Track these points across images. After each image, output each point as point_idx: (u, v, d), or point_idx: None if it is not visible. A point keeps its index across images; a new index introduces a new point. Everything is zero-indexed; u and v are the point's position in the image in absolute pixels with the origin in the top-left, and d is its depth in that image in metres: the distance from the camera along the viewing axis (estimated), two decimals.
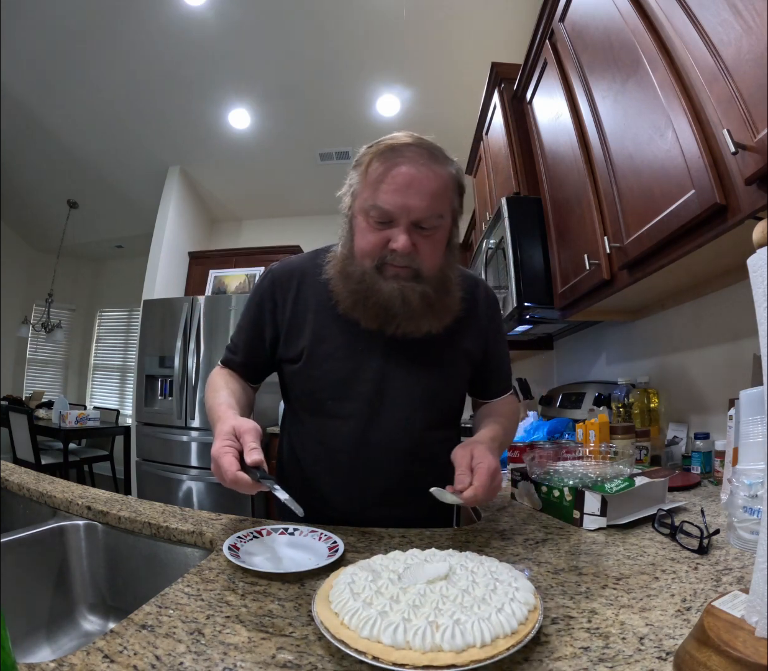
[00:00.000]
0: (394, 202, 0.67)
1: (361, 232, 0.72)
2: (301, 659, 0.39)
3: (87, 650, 0.36)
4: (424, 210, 0.68)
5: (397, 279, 0.71)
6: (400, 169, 0.67)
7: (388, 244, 0.69)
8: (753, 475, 0.56)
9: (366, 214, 0.70)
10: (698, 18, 0.73)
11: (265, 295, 0.83)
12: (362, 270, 0.72)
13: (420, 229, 0.70)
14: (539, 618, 0.42)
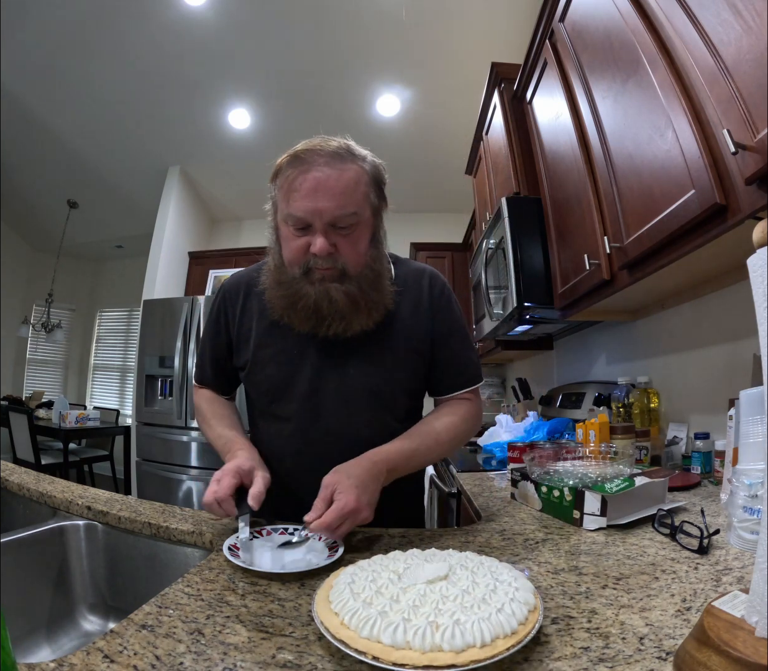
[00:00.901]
0: (305, 208, 0.69)
1: (285, 241, 0.76)
2: (301, 659, 0.39)
3: (87, 650, 0.36)
4: (334, 209, 0.69)
5: (323, 281, 0.73)
6: (306, 176, 0.69)
7: (309, 249, 0.72)
8: (753, 475, 0.56)
9: (285, 223, 0.73)
10: (698, 18, 0.73)
11: (219, 309, 0.88)
12: (292, 277, 0.75)
13: (338, 229, 0.71)
14: (539, 618, 0.42)
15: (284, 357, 0.81)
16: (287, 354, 0.81)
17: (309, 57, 2.91)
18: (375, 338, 0.79)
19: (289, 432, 0.83)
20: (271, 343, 0.82)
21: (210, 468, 2.96)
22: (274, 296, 0.78)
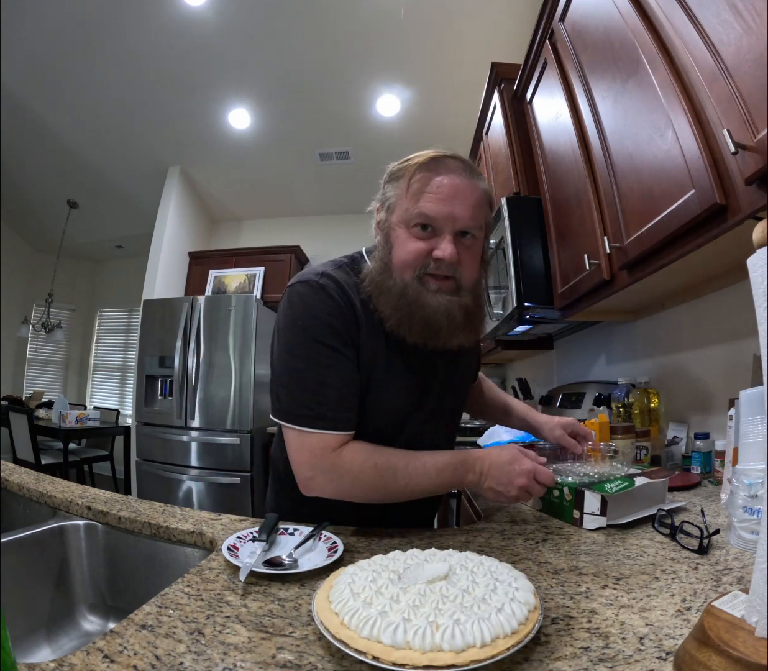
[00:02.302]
0: (440, 210, 0.67)
1: (401, 244, 0.70)
2: (301, 659, 0.39)
3: (87, 650, 0.35)
4: (468, 219, 0.68)
5: (440, 293, 0.70)
6: (444, 180, 0.68)
7: (432, 254, 0.68)
8: (753, 475, 0.56)
9: (407, 224, 0.70)
10: (698, 18, 0.72)
11: (341, 313, 0.70)
12: (403, 283, 0.69)
13: (462, 240, 0.70)
14: (539, 618, 0.42)
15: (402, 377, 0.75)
16: (404, 372, 0.75)
17: (309, 57, 2.91)
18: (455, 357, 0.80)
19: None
20: (388, 356, 0.73)
21: (210, 468, 2.96)
22: (385, 305, 0.70)
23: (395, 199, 0.72)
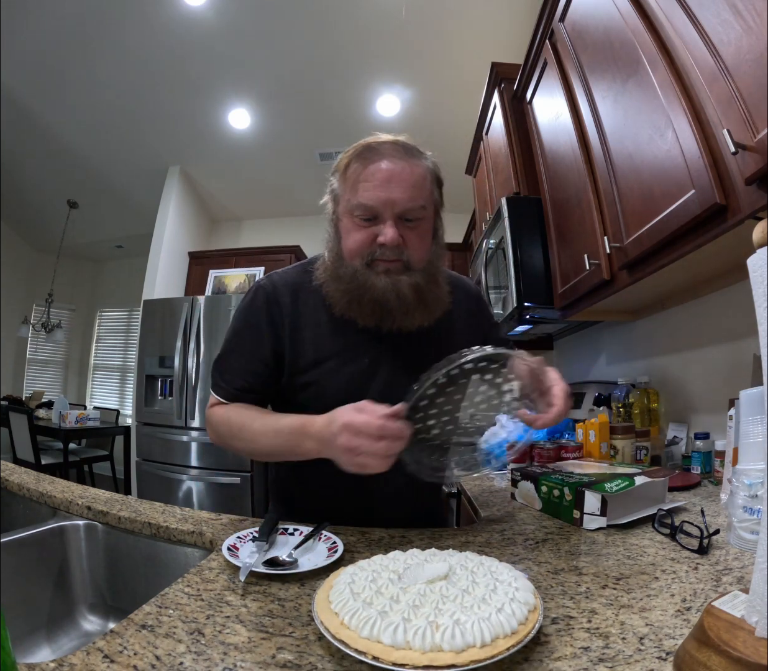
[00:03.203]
0: (377, 198, 0.68)
1: (347, 233, 0.73)
2: (301, 659, 0.39)
3: (87, 650, 0.35)
4: (407, 201, 0.69)
5: (388, 273, 0.71)
6: (379, 166, 0.69)
7: (376, 240, 0.70)
8: (753, 475, 0.56)
9: (351, 214, 0.71)
10: (698, 18, 0.72)
11: (261, 313, 0.78)
12: (353, 269, 0.72)
13: (405, 222, 0.70)
14: (539, 618, 0.42)
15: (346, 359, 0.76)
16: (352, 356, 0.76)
17: (309, 57, 2.91)
18: (428, 338, 0.78)
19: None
20: (333, 344, 0.76)
21: (210, 468, 2.96)
22: (335, 290, 0.74)
23: (338, 191, 0.74)
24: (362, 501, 0.79)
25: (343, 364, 0.76)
